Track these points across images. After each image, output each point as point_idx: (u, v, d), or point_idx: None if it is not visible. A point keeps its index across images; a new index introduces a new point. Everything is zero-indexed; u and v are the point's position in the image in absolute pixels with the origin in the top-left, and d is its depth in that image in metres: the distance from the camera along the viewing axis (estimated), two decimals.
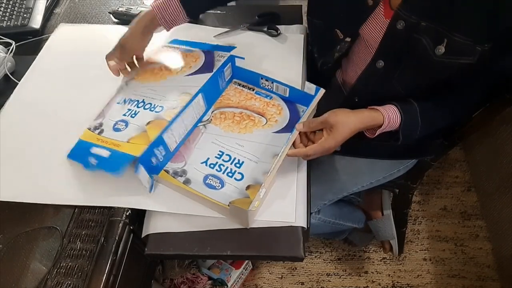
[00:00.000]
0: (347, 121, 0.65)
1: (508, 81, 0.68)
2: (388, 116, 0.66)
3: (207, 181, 0.66)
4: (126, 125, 0.67)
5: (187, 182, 0.65)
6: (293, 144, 0.67)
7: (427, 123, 0.68)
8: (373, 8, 0.67)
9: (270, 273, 1.28)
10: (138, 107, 0.70)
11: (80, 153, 0.66)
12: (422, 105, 0.68)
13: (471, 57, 0.59)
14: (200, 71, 0.74)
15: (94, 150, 0.64)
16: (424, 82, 0.68)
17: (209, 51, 0.78)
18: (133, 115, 0.68)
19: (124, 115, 0.69)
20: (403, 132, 0.67)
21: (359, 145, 0.82)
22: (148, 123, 0.65)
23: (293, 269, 1.29)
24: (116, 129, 0.67)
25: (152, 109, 0.68)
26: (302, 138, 0.68)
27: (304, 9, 2.11)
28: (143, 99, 0.71)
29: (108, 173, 0.60)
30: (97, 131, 0.68)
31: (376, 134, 0.69)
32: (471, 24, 0.57)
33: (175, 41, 0.85)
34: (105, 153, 0.63)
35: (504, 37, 0.56)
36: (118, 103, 0.73)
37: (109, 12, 0.99)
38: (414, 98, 0.69)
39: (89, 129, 0.69)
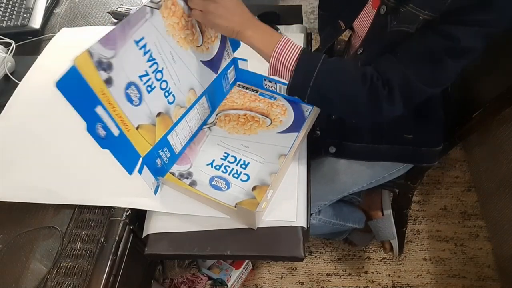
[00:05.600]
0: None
1: None
2: (288, 39, 0.61)
3: (213, 183, 0.66)
4: (140, 100, 0.56)
5: (193, 184, 0.65)
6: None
7: (327, 71, 0.60)
8: None
9: (270, 273, 1.28)
10: (156, 77, 0.58)
11: (76, 94, 0.46)
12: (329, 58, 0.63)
13: (412, 25, 0.58)
14: (210, 62, 0.69)
15: (100, 112, 0.50)
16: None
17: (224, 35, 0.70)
18: (149, 89, 0.57)
19: (141, 78, 0.55)
20: (298, 68, 0.59)
21: (357, 148, 0.83)
22: (159, 114, 0.61)
23: (293, 269, 1.29)
24: (128, 97, 0.53)
25: (166, 94, 0.61)
26: None
27: (305, 9, 2.12)
28: (163, 68, 0.59)
29: (120, 164, 0.55)
30: (103, 74, 0.49)
31: (271, 60, 0.61)
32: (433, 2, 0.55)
33: None
34: (114, 130, 0.52)
35: (446, 15, 0.55)
36: (137, 43, 0.53)
37: (108, 12, 0.99)
38: None
39: (91, 55, 0.47)
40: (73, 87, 0.45)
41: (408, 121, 0.78)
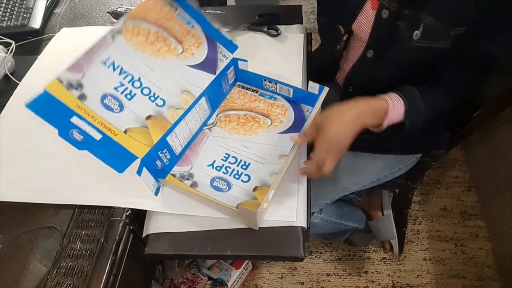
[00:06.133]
0: (336, 114, 0.61)
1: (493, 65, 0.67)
2: (391, 100, 0.64)
3: (214, 184, 0.66)
4: (121, 107, 0.61)
5: (194, 185, 0.65)
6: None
7: (429, 104, 0.66)
8: (364, 1, 0.70)
9: (270, 273, 1.28)
10: (133, 86, 0.62)
11: (50, 112, 0.56)
12: (418, 88, 0.67)
13: (445, 41, 0.61)
14: (202, 65, 0.71)
15: (77, 122, 0.57)
16: (407, 68, 0.69)
17: (212, 40, 0.73)
18: (129, 97, 0.61)
19: (116, 89, 0.61)
20: (409, 117, 0.64)
21: (365, 139, 0.83)
22: (149, 117, 0.62)
23: (293, 269, 1.29)
24: (107, 106, 0.59)
25: (152, 98, 0.63)
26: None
27: (305, 9, 2.12)
28: (139, 77, 0.63)
29: (107, 165, 0.58)
30: (75, 92, 0.57)
31: (384, 126, 0.65)
32: (445, 8, 0.59)
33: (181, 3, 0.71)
34: (95, 134, 0.57)
35: (479, 22, 0.58)
36: (103, 63, 0.61)
37: (108, 12, 0.99)
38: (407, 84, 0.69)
39: (61, 81, 0.57)
40: (47, 106, 0.56)
41: None
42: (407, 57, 0.67)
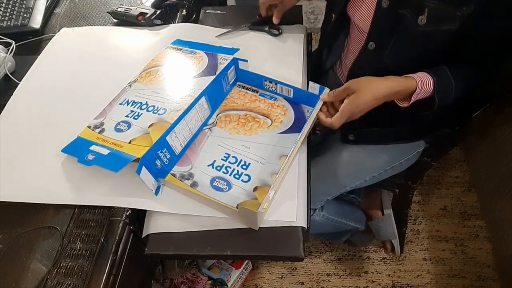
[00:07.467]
0: (371, 86, 0.64)
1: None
2: (421, 79, 0.65)
3: (214, 184, 0.66)
4: (129, 127, 0.66)
5: (194, 185, 0.65)
6: (318, 119, 0.68)
7: (460, 81, 0.67)
8: None
9: (270, 273, 1.28)
10: (141, 109, 0.69)
11: (77, 149, 0.65)
12: (450, 65, 0.67)
13: (452, 23, 0.61)
14: (203, 73, 0.74)
15: (94, 148, 0.63)
16: (413, 56, 0.69)
17: (212, 53, 0.78)
18: (136, 117, 0.68)
19: (127, 116, 0.68)
20: (438, 93, 0.65)
21: (378, 131, 0.84)
22: (151, 125, 0.65)
23: (293, 269, 1.29)
24: (118, 130, 0.66)
25: (155, 111, 0.67)
26: (327, 113, 0.70)
27: (305, 9, 2.12)
28: (146, 101, 0.70)
29: (104, 168, 0.60)
30: (98, 130, 0.67)
31: (411, 102, 0.66)
32: None
33: (178, 42, 0.85)
34: (104, 151, 0.62)
35: (486, 1, 0.58)
36: (120, 103, 0.72)
37: (108, 12, 0.99)
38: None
39: (89, 127, 0.69)
40: (75, 145, 0.67)
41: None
42: (413, 45, 0.67)
